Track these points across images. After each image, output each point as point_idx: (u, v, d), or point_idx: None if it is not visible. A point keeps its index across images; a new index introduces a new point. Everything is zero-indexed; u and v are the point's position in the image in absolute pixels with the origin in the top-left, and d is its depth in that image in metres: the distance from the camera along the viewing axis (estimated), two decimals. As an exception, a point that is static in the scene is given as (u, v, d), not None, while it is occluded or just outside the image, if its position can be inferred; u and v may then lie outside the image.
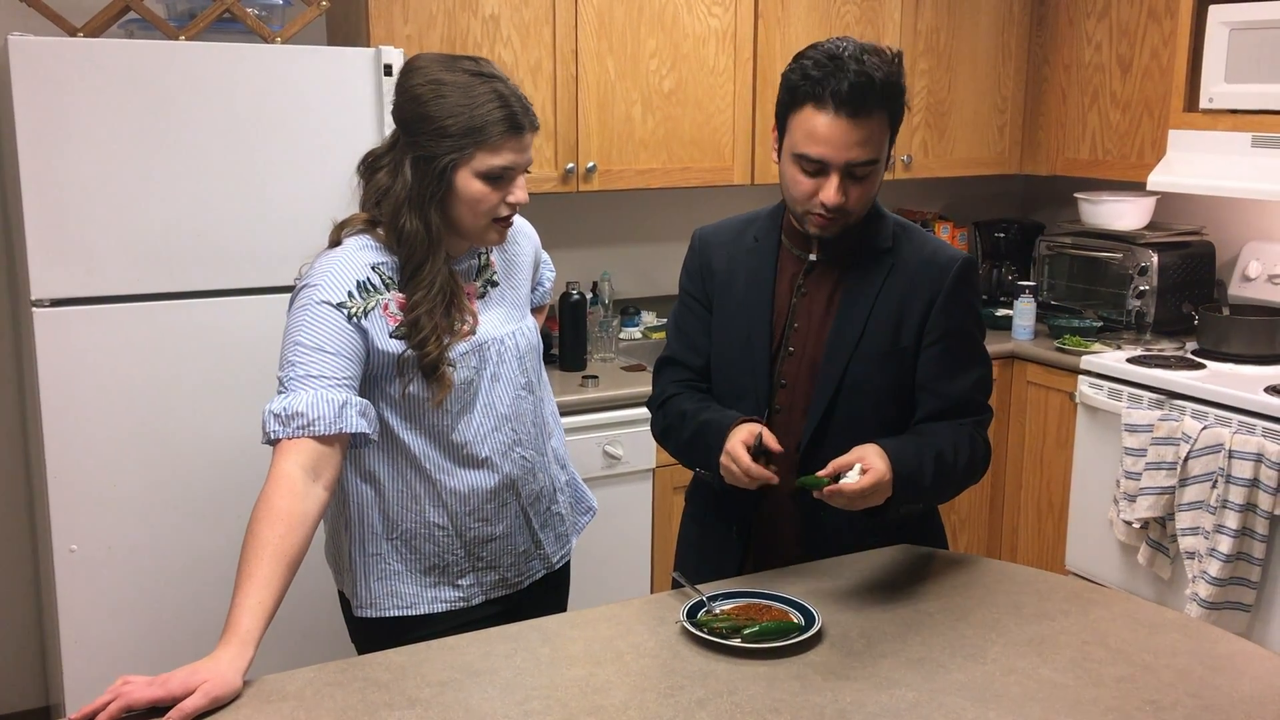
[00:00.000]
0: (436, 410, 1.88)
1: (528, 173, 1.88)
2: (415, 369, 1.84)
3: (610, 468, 3.17)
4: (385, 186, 1.84)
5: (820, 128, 1.76)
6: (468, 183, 1.80)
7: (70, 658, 2.55)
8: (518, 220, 2.11)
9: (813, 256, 1.95)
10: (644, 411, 2.13)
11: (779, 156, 1.89)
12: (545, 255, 2.25)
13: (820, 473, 1.73)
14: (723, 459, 1.81)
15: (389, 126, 2.63)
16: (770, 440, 1.80)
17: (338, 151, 2.63)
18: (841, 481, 1.70)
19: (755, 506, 1.99)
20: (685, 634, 1.66)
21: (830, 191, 1.80)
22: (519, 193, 1.85)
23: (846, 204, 1.82)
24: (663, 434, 2.06)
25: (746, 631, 1.64)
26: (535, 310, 2.23)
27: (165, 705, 1.44)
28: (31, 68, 2.34)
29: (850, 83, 1.73)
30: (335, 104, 2.62)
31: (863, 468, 1.71)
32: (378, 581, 1.94)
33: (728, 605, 1.74)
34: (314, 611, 2.48)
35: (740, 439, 1.80)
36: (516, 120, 1.80)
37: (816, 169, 1.80)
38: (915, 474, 1.78)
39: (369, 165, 1.90)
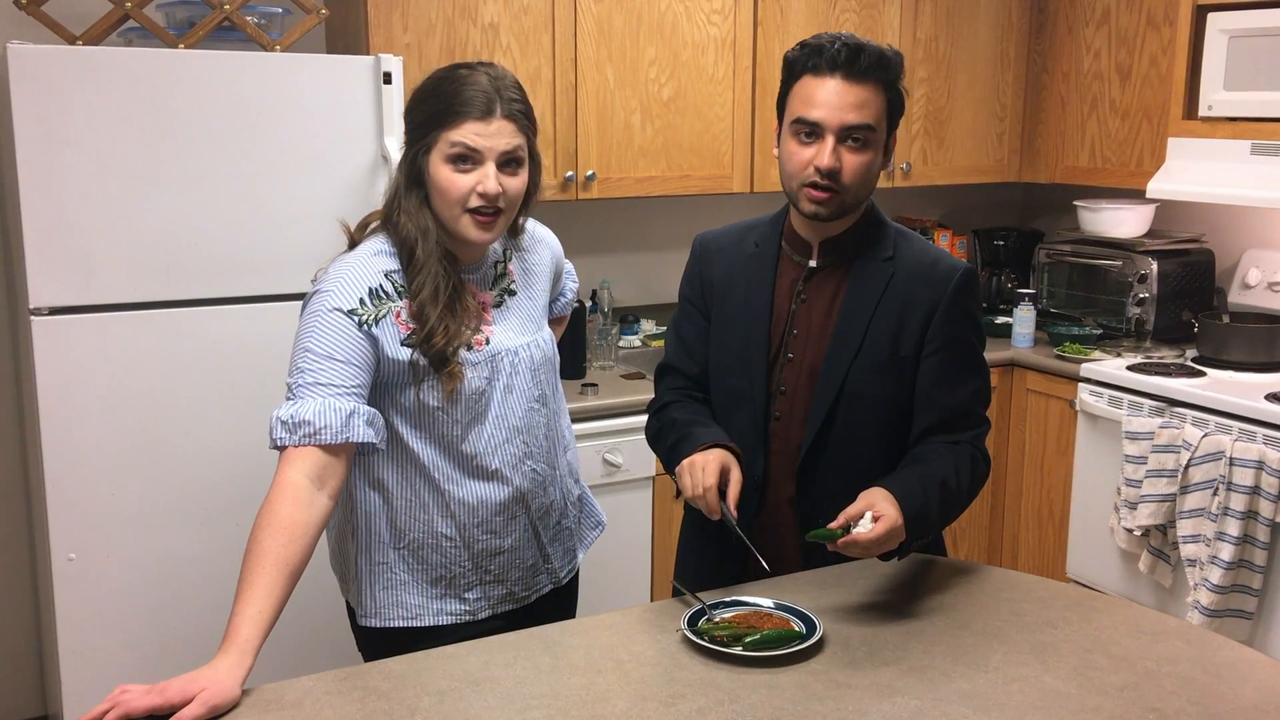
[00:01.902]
0: (447, 420, 1.87)
1: (513, 172, 1.84)
2: (426, 373, 1.83)
3: (610, 476, 3.17)
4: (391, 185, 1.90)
5: (816, 91, 1.82)
6: (437, 169, 1.81)
7: (68, 666, 2.54)
8: (538, 228, 2.10)
9: (813, 263, 1.95)
10: (644, 420, 2.13)
11: (779, 143, 1.91)
12: (569, 265, 2.24)
13: (832, 525, 1.72)
14: (686, 462, 1.81)
15: (388, 134, 2.66)
16: (732, 495, 1.79)
17: (337, 159, 2.64)
18: (855, 532, 1.69)
19: (753, 515, 1.98)
20: (686, 642, 1.66)
21: (824, 155, 1.81)
22: (488, 182, 1.80)
23: (841, 174, 1.82)
24: (654, 439, 2.07)
25: (748, 640, 1.63)
26: (555, 321, 2.22)
27: (163, 713, 1.43)
28: (31, 76, 2.34)
29: (845, 46, 1.81)
30: (334, 112, 2.62)
31: (874, 515, 1.70)
32: (383, 591, 1.93)
33: (728, 613, 1.73)
34: (316, 620, 2.47)
35: (719, 462, 1.79)
36: (478, 102, 1.79)
37: (811, 131, 1.83)
38: (923, 510, 1.77)
39: (396, 167, 1.95)
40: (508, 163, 1.83)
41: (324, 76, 2.61)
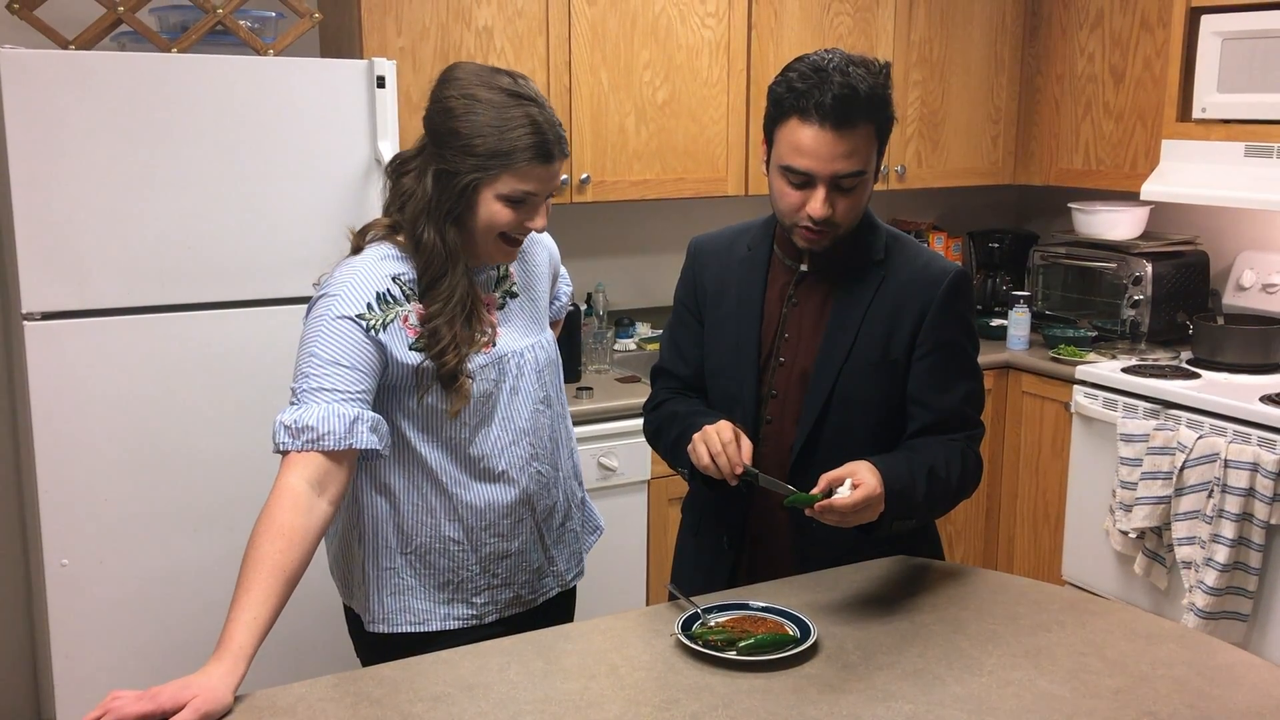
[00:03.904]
0: (454, 423, 1.86)
1: (551, 197, 1.86)
2: (433, 380, 1.82)
3: (605, 479, 3.16)
4: (409, 191, 1.83)
5: (805, 140, 1.76)
6: (489, 203, 1.79)
7: (62, 672, 2.53)
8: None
9: (804, 267, 1.95)
10: (639, 423, 2.13)
11: (767, 169, 1.88)
12: (563, 269, 2.24)
13: (813, 490, 1.71)
14: (698, 434, 1.79)
15: (381, 138, 2.66)
16: (746, 452, 1.78)
17: (330, 163, 2.64)
18: (833, 497, 1.69)
19: (745, 516, 1.98)
20: (680, 647, 1.65)
21: (816, 204, 1.79)
22: (539, 220, 1.84)
23: (834, 216, 1.81)
24: (654, 435, 2.07)
25: (742, 644, 1.63)
26: (550, 324, 2.22)
27: (156, 720, 1.43)
28: (23, 80, 2.34)
29: (834, 95, 1.73)
30: (328, 116, 2.62)
31: (854, 483, 1.69)
32: (391, 596, 1.92)
33: (723, 618, 1.73)
34: (311, 625, 2.47)
35: (730, 426, 1.79)
36: (547, 149, 1.78)
37: (802, 181, 1.80)
38: (907, 489, 1.77)
39: (396, 168, 1.88)
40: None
41: (317, 80, 2.61)
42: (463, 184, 1.78)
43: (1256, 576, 3.02)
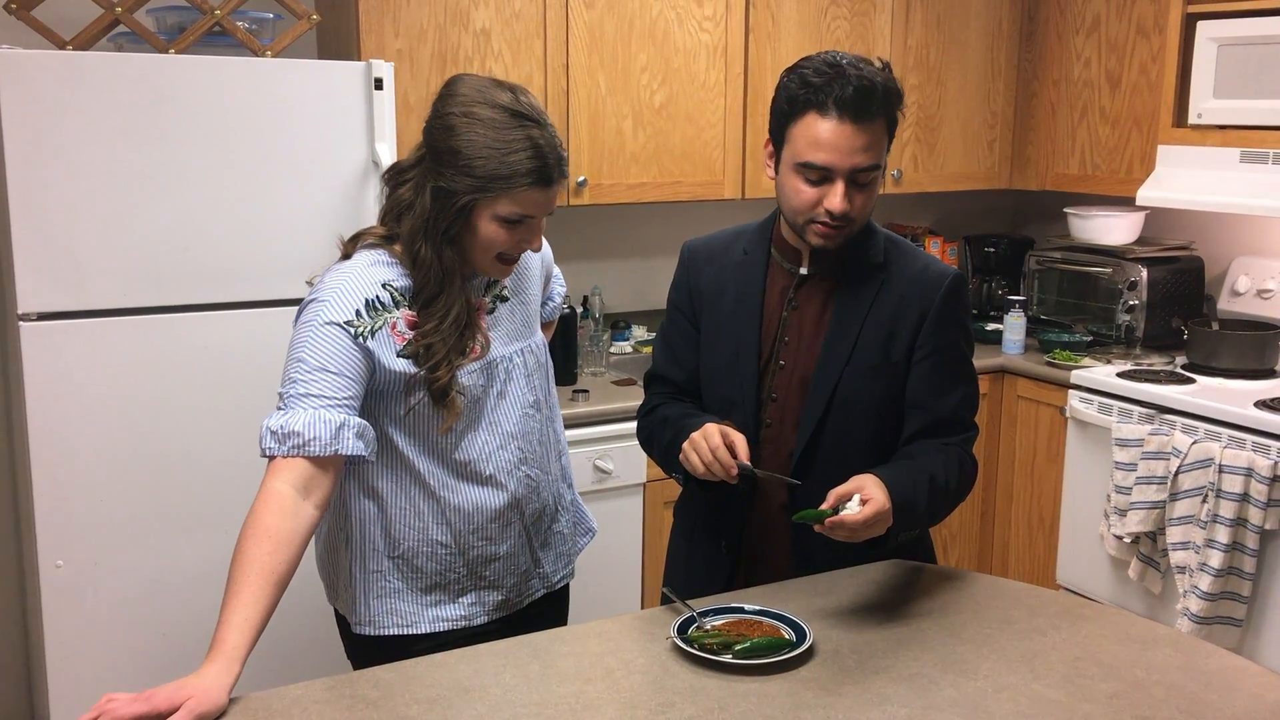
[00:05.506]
0: (441, 427, 1.86)
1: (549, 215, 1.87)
2: (422, 387, 1.82)
3: (601, 482, 3.16)
4: (407, 202, 1.82)
5: (824, 134, 1.77)
6: (486, 224, 1.79)
7: (56, 674, 2.53)
8: None
9: (803, 270, 1.95)
10: (635, 426, 2.13)
11: (775, 170, 1.88)
12: (557, 269, 2.24)
13: (821, 506, 1.71)
14: (687, 443, 1.79)
15: (380, 140, 2.66)
16: (741, 451, 1.77)
17: (328, 165, 2.64)
18: (843, 513, 1.68)
19: (744, 522, 1.98)
20: (676, 650, 1.66)
21: (836, 199, 1.79)
22: (536, 241, 1.85)
23: (851, 211, 1.81)
24: (647, 440, 2.06)
25: (737, 648, 1.63)
26: (543, 325, 2.22)
27: (150, 722, 1.42)
28: (20, 81, 2.33)
29: (854, 88, 1.74)
30: (325, 117, 2.62)
31: (862, 498, 1.69)
32: (377, 599, 1.92)
33: (718, 621, 1.73)
34: (305, 628, 2.46)
35: (717, 428, 1.78)
36: (547, 174, 1.77)
37: (821, 177, 1.80)
38: (912, 501, 1.77)
39: (393, 177, 1.87)
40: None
41: (315, 82, 2.61)
42: (460, 203, 1.77)
43: (1250, 582, 3.03)
